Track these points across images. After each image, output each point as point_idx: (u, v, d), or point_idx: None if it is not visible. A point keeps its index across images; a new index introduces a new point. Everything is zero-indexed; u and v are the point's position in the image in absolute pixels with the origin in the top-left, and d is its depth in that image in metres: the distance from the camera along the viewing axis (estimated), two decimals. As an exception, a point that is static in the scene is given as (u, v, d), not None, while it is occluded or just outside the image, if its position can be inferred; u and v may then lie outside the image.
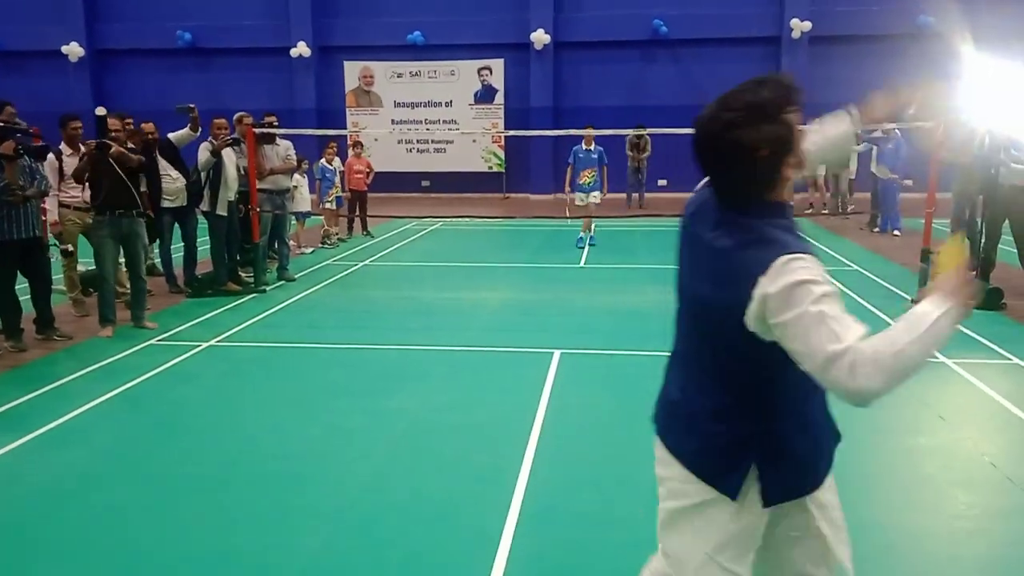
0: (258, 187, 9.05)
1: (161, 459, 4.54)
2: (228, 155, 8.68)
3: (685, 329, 2.20)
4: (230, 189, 8.68)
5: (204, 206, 8.68)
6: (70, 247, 7.73)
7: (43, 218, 7.15)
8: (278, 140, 9.63)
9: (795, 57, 19.20)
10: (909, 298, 8.34)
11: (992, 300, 7.92)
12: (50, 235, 7.72)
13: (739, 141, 1.84)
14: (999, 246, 8.77)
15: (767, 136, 1.83)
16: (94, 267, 7.50)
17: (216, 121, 8.72)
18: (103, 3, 21.35)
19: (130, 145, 7.44)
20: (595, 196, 12.04)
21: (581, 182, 12.04)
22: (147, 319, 7.39)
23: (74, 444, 4.76)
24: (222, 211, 8.63)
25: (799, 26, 18.86)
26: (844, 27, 18.74)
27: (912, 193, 13.74)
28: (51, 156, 7.38)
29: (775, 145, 1.84)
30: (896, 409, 5.30)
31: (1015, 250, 8.76)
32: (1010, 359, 6.32)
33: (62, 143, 7.81)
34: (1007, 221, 8.64)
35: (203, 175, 8.61)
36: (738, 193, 1.94)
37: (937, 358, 6.33)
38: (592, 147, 12.00)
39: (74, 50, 20.92)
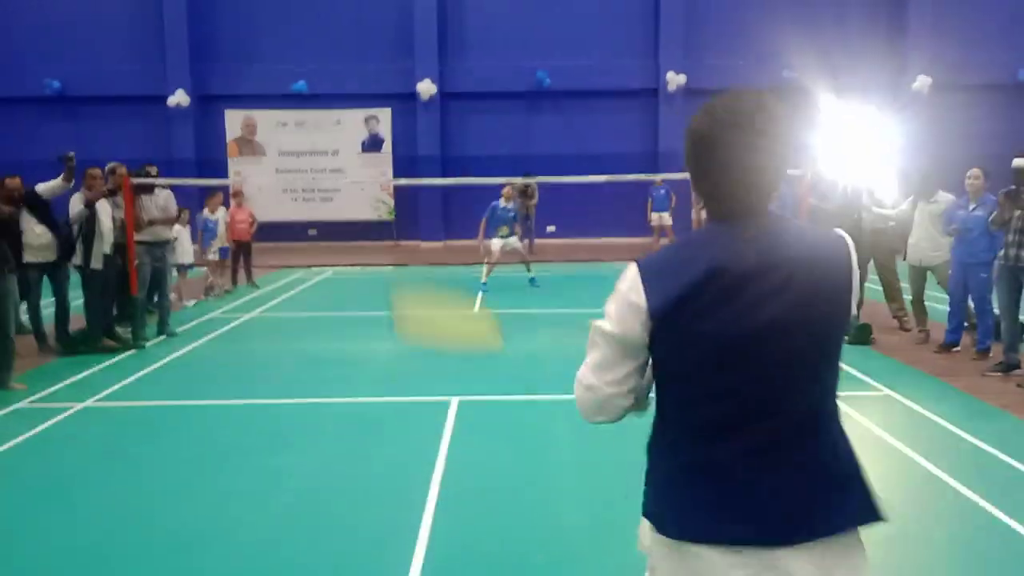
0: (136, 239, 8.67)
1: (28, 536, 4.18)
2: (103, 206, 8.28)
3: None
4: (105, 242, 8.27)
5: (77, 260, 8.22)
6: None
7: None
8: (156, 190, 9.27)
9: (672, 108, 20.11)
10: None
11: (862, 335, 8.41)
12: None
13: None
14: (866, 285, 9.37)
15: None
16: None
17: (90, 171, 8.29)
18: (-39, 48, 20.18)
19: None
20: (514, 239, 12.61)
21: (499, 235, 12.46)
22: (15, 380, 6.90)
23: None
24: (96, 264, 8.20)
25: (674, 79, 19.80)
26: (716, 80, 19.73)
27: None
28: None
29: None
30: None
31: (880, 288, 9.38)
32: (881, 390, 6.70)
33: None
34: (871, 262, 9.25)
35: (75, 227, 8.17)
36: None
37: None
38: (510, 204, 12.44)
39: (-72, 97, 19.63)
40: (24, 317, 8.93)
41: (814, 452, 1.72)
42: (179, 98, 19.88)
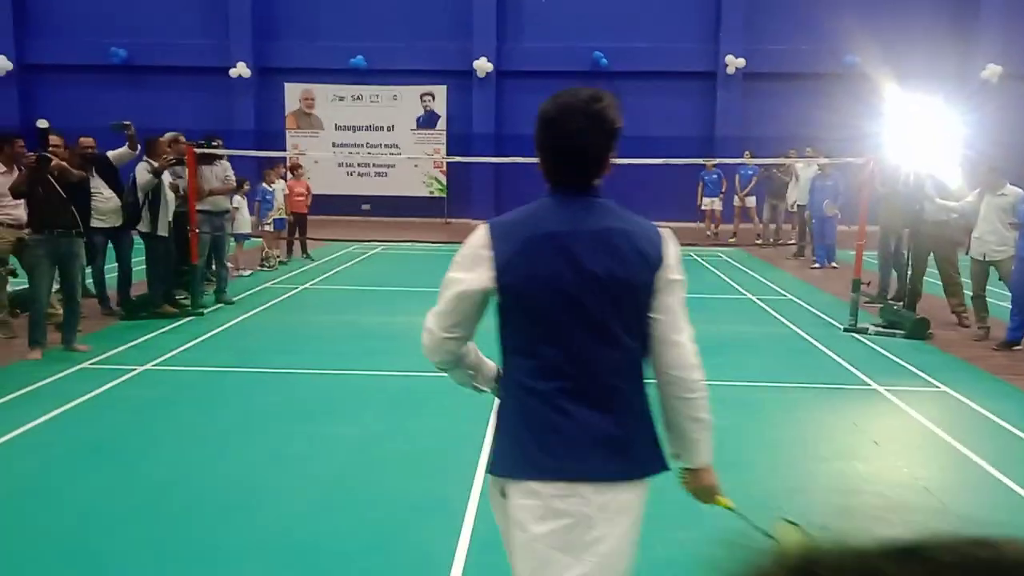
0: (196, 208, 8.87)
1: (88, 488, 4.36)
2: (165, 175, 8.49)
3: None
4: (169, 210, 8.48)
5: (143, 227, 8.44)
6: (11, 266, 7.48)
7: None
8: (216, 161, 9.46)
9: (730, 92, 19.79)
10: (841, 327, 8.60)
11: (919, 330, 8.22)
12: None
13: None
14: (925, 278, 9.15)
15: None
16: (23, 287, 7.23)
17: (160, 140, 8.48)
18: (33, 17, 20.75)
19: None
20: None
21: None
22: (79, 342, 7.14)
23: (-1, 472, 4.56)
24: (163, 232, 8.42)
25: (734, 62, 19.46)
26: (776, 64, 19.40)
27: (841, 226, 14.19)
28: None
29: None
30: (830, 434, 5.46)
31: (940, 282, 9.16)
32: (938, 387, 6.56)
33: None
34: (932, 254, 9.03)
35: (141, 195, 8.38)
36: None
37: (868, 385, 6.56)
38: None
39: (1, 63, 20.24)
40: (88, 281, 9.23)
41: (615, 403, 2.00)
42: (240, 70, 20.19)
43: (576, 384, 1.99)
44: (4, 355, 6.90)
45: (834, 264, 12.88)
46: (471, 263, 2.04)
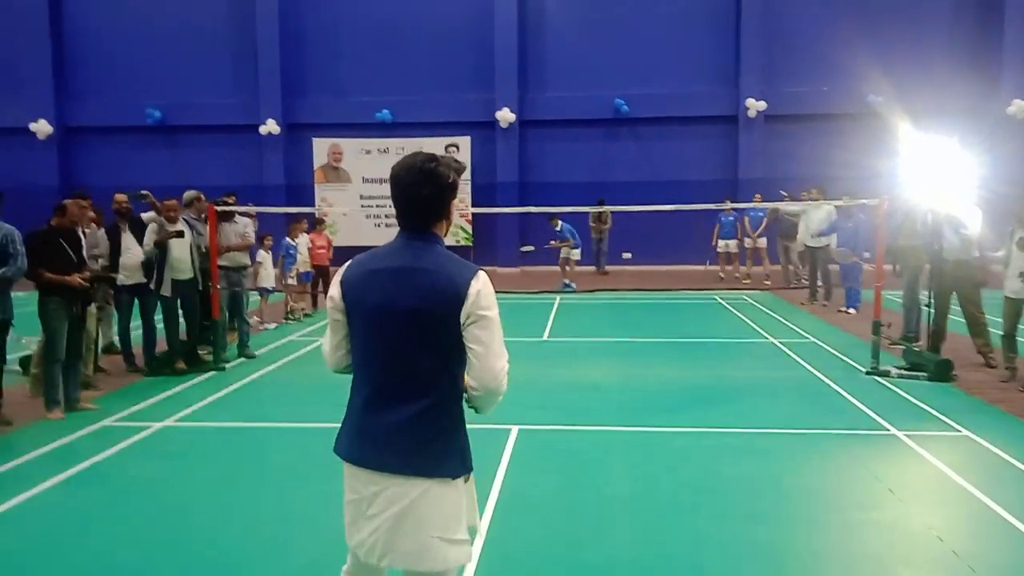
0: (207, 267, 9.05)
1: (95, 547, 4.42)
2: (187, 233, 8.71)
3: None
4: (175, 270, 8.62)
5: (152, 285, 8.65)
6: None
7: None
8: (236, 218, 9.70)
9: (751, 134, 19.84)
10: (863, 369, 8.48)
11: (943, 372, 8.08)
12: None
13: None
14: (949, 317, 9.01)
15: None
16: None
17: (167, 203, 8.69)
18: (72, 80, 21.57)
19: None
20: (577, 252, 16.69)
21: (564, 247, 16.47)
22: (90, 401, 7.28)
23: (14, 531, 4.65)
24: (165, 292, 8.59)
25: (754, 105, 19.54)
26: (797, 106, 19.45)
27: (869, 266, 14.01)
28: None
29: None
30: (846, 483, 5.37)
31: (964, 321, 9.01)
32: (960, 431, 6.43)
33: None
34: (954, 294, 8.89)
35: (146, 256, 8.61)
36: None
37: (888, 430, 6.45)
38: (558, 226, 15.90)
39: (42, 127, 21.02)
40: (115, 337, 9.45)
41: (417, 410, 2.44)
42: (270, 127, 20.73)
43: (382, 394, 2.50)
44: (29, 415, 7.04)
45: (852, 310, 12.41)
46: (332, 292, 2.56)
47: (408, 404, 2.45)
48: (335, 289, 2.54)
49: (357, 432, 2.54)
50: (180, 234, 8.60)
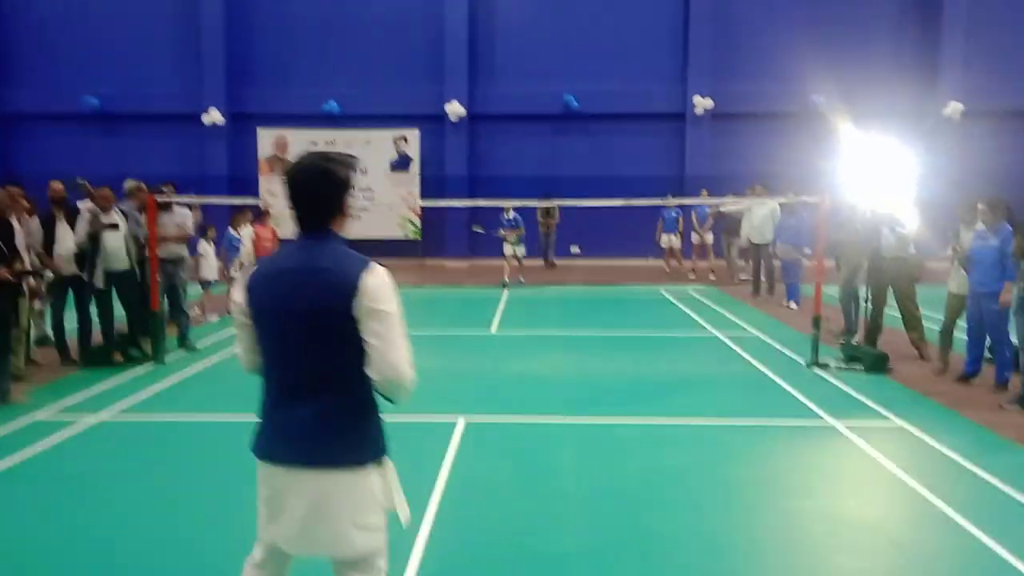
0: (146, 256, 8.83)
1: (22, 546, 4.28)
2: (109, 220, 8.42)
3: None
4: (110, 261, 8.40)
5: (86, 276, 8.39)
6: None
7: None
8: (174, 208, 9.45)
9: (698, 131, 20.11)
10: (803, 362, 8.66)
11: (879, 365, 8.30)
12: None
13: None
14: (885, 311, 9.25)
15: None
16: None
17: (101, 192, 8.43)
18: (8, 65, 20.81)
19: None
20: (522, 248, 15.66)
21: (509, 240, 15.46)
22: (23, 393, 7.06)
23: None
24: (98, 283, 8.36)
25: (702, 103, 19.80)
26: (743, 105, 19.76)
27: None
28: None
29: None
30: (787, 472, 5.48)
31: (899, 316, 9.27)
32: (895, 422, 6.61)
33: None
34: (891, 289, 9.14)
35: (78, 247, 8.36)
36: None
37: (827, 422, 6.59)
38: (510, 215, 15.27)
39: (-28, 113, 20.26)
40: (48, 329, 9.16)
41: (319, 405, 2.50)
42: (214, 116, 20.29)
43: (289, 391, 2.55)
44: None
45: (791, 304, 12.58)
46: (237, 298, 2.62)
47: (314, 399, 2.51)
48: (241, 295, 2.59)
49: (269, 430, 2.59)
50: (114, 226, 8.36)
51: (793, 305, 12.58)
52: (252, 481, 4.86)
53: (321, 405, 2.51)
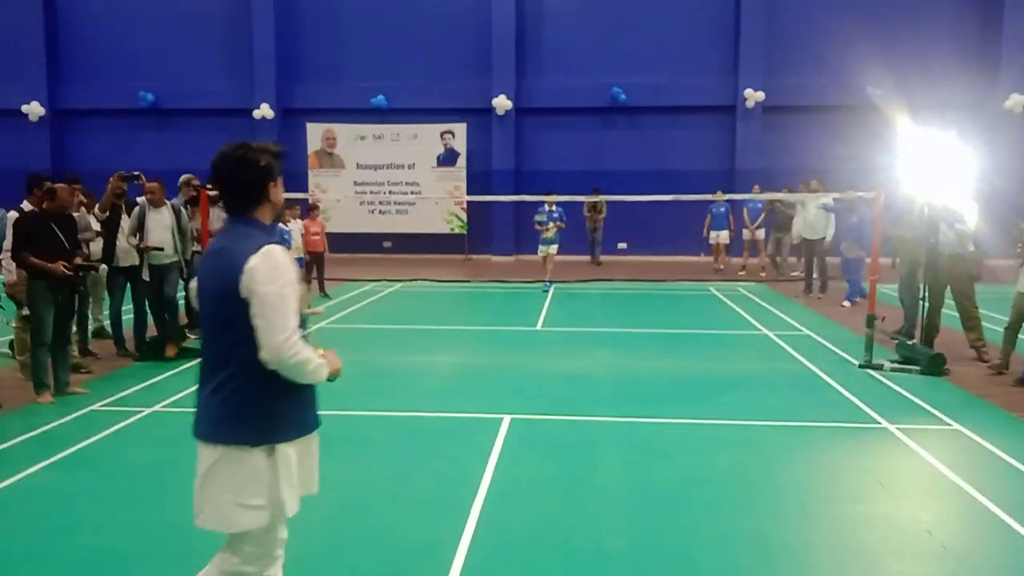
0: (197, 249, 8.99)
1: (82, 532, 4.39)
2: (158, 220, 8.51)
3: None
4: (153, 255, 8.45)
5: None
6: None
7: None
8: (220, 202, 9.58)
9: (749, 125, 19.80)
10: (857, 363, 8.48)
11: (935, 366, 8.08)
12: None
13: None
14: (943, 311, 9.00)
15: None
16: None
17: (148, 185, 8.54)
18: (65, 63, 21.41)
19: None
20: (554, 248, 14.47)
21: (545, 235, 14.32)
22: (80, 385, 7.24)
23: (2, 514, 4.61)
24: (144, 276, 8.50)
25: (753, 96, 19.49)
26: (796, 98, 19.42)
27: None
28: (8, 213, 7.30)
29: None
30: (837, 475, 5.36)
31: (958, 315, 9.00)
32: (951, 425, 6.43)
33: (26, 201, 7.72)
34: (949, 288, 8.89)
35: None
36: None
37: (879, 424, 6.44)
38: (553, 208, 14.28)
39: (34, 109, 20.87)
40: (106, 321, 9.40)
41: (216, 383, 2.65)
42: (264, 111, 20.61)
43: (202, 367, 2.73)
44: (20, 397, 7.00)
45: (845, 303, 12.42)
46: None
47: (214, 376, 2.66)
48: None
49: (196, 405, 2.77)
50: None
51: (847, 304, 12.34)
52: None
53: (219, 382, 2.64)
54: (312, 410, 2.87)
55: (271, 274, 2.55)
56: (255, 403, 2.64)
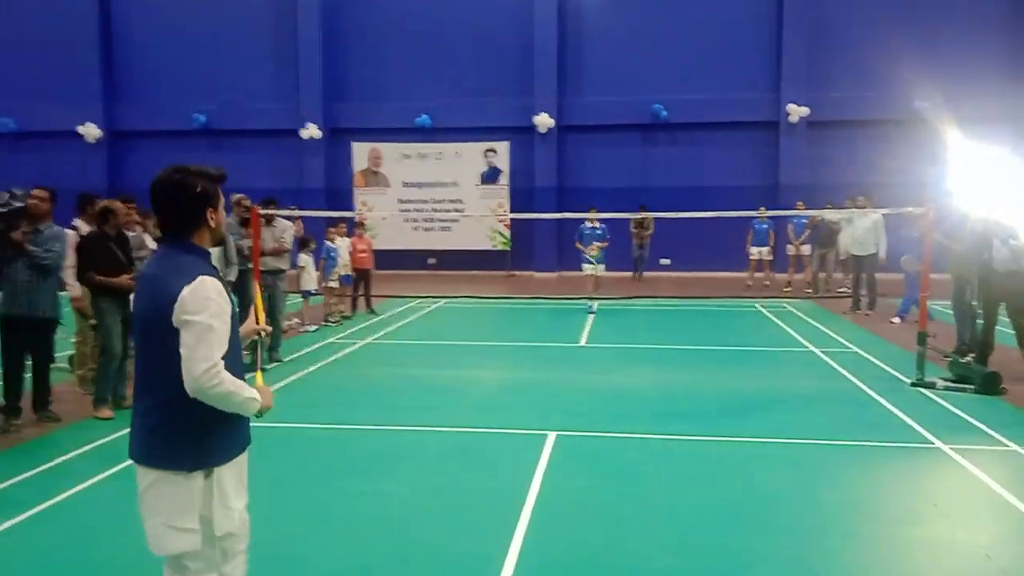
0: (247, 268, 9.18)
1: (141, 543, 4.49)
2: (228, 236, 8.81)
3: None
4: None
5: None
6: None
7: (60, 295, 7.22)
8: (275, 222, 9.78)
9: (793, 140, 19.62)
10: (908, 381, 8.33)
11: (990, 384, 7.90)
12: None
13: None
14: (997, 328, 8.80)
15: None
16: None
17: (234, 196, 8.84)
18: (120, 85, 22.09)
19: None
20: (601, 267, 14.19)
21: (590, 254, 13.89)
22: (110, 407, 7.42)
23: (64, 525, 4.76)
24: None
25: (797, 111, 19.31)
26: (841, 112, 19.19)
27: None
28: (71, 232, 7.55)
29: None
30: (889, 497, 5.27)
31: (1013, 332, 8.79)
32: (1008, 445, 6.28)
33: (78, 220, 7.97)
34: (1003, 305, 8.69)
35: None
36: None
37: (932, 444, 6.32)
38: (596, 224, 14.04)
39: (91, 131, 21.55)
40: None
41: (146, 404, 2.68)
42: (311, 131, 21.00)
43: (136, 388, 2.74)
44: (79, 410, 7.20)
45: (897, 319, 12.21)
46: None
47: (145, 399, 2.69)
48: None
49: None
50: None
51: (897, 320, 12.12)
52: (347, 484, 5.01)
53: (147, 406, 2.68)
54: (246, 428, 2.85)
55: (200, 304, 2.54)
56: (187, 428, 2.63)
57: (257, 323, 3.27)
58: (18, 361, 6.78)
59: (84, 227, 7.83)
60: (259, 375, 2.87)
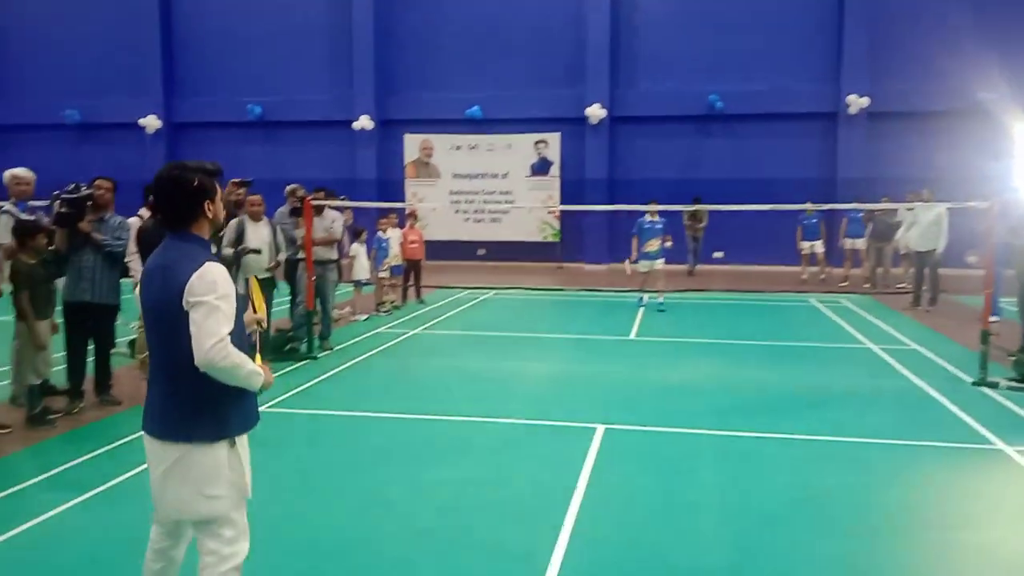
0: (300, 257, 9.29)
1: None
2: (256, 233, 8.73)
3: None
4: (249, 268, 8.37)
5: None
6: None
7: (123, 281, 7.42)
8: (325, 212, 9.86)
9: (852, 132, 19.15)
10: (970, 380, 8.09)
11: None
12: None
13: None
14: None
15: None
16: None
17: (252, 199, 8.78)
18: (180, 78, 22.58)
19: None
20: (660, 262, 13.04)
21: (647, 250, 12.92)
22: None
23: (124, 505, 4.90)
24: (240, 289, 8.67)
25: (856, 102, 18.82)
26: (902, 104, 18.64)
27: (970, 271, 13.30)
28: (133, 220, 7.72)
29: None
30: (946, 499, 5.14)
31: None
32: (1073, 448, 6.06)
33: (144, 209, 8.16)
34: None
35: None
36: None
37: (994, 445, 6.13)
38: (656, 218, 13.08)
39: (151, 123, 22.08)
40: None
41: (162, 385, 2.90)
42: (363, 123, 21.20)
43: (152, 371, 2.95)
44: (137, 396, 7.37)
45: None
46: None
47: (164, 380, 2.89)
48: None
49: (145, 406, 2.97)
50: (256, 251, 8.58)
51: (995, 318, 11.73)
52: (399, 471, 5.05)
53: (169, 385, 2.87)
54: (255, 406, 3.07)
55: (207, 287, 2.74)
56: (205, 402, 2.85)
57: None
58: (81, 346, 7.00)
59: (148, 216, 8.01)
60: (258, 357, 3.05)
